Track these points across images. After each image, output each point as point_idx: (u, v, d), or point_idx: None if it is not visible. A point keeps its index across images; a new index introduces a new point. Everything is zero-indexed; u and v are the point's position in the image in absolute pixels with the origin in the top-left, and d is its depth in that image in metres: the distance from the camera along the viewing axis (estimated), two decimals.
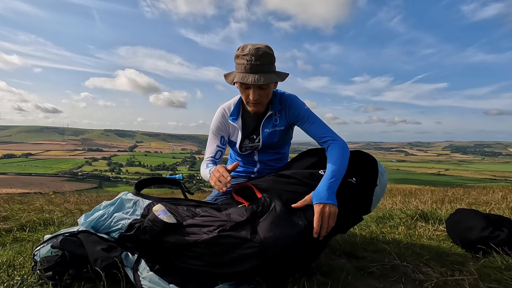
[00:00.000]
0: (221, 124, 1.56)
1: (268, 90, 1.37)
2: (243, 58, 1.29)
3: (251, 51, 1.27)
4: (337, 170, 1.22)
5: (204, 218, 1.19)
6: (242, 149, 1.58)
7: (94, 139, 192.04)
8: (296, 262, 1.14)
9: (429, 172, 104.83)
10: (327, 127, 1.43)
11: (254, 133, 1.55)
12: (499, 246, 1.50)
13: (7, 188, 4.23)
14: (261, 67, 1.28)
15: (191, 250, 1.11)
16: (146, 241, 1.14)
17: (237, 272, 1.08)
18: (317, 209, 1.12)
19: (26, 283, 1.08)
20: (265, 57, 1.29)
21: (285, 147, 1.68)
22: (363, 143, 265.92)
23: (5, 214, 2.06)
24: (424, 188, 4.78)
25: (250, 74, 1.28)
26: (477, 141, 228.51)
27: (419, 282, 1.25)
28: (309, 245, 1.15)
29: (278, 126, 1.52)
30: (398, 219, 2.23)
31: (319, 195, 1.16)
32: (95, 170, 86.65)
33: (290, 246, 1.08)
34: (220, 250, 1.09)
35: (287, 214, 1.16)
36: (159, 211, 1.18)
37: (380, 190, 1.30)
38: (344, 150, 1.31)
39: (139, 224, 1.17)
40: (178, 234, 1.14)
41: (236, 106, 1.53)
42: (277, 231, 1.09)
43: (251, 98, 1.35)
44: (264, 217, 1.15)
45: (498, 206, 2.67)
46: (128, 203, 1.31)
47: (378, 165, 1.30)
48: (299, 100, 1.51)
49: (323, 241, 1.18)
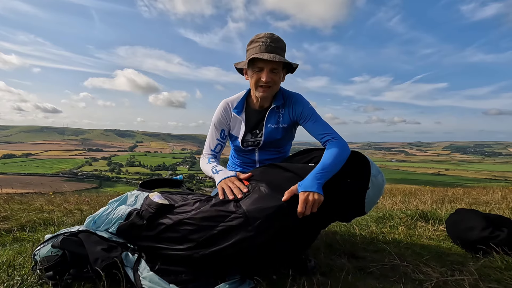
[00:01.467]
0: (222, 117, 1.58)
1: (279, 75, 1.42)
2: (258, 41, 1.38)
3: (266, 34, 1.37)
4: (328, 165, 1.22)
5: (193, 199, 1.27)
6: (244, 144, 1.58)
7: (94, 139, 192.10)
8: (283, 242, 1.16)
9: (429, 172, 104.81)
10: (330, 127, 1.43)
11: (257, 127, 1.56)
12: (499, 246, 1.51)
13: (7, 188, 4.22)
14: (275, 49, 1.36)
15: (180, 229, 1.15)
16: (143, 226, 1.20)
17: (225, 247, 1.09)
18: (302, 197, 1.12)
19: (26, 283, 1.08)
20: (279, 42, 1.38)
21: (286, 146, 1.67)
22: (363, 143, 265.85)
23: (5, 214, 2.06)
24: (424, 188, 4.77)
25: (265, 53, 1.34)
26: (477, 141, 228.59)
27: (419, 282, 1.25)
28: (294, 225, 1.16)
29: (281, 123, 1.53)
30: (398, 219, 2.24)
31: (304, 184, 1.16)
32: (95, 170, 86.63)
33: (272, 216, 1.11)
34: (207, 225, 1.13)
35: (271, 193, 1.18)
36: (154, 195, 1.28)
37: (374, 192, 1.27)
38: (342, 149, 1.30)
39: (137, 211, 1.25)
40: (170, 214, 1.21)
41: (241, 100, 1.56)
42: (259, 204, 1.14)
43: (264, 79, 1.38)
44: (249, 196, 1.19)
45: (498, 206, 2.68)
46: (131, 198, 1.39)
47: (371, 167, 1.27)
48: (304, 99, 1.52)
49: (311, 226, 1.20)
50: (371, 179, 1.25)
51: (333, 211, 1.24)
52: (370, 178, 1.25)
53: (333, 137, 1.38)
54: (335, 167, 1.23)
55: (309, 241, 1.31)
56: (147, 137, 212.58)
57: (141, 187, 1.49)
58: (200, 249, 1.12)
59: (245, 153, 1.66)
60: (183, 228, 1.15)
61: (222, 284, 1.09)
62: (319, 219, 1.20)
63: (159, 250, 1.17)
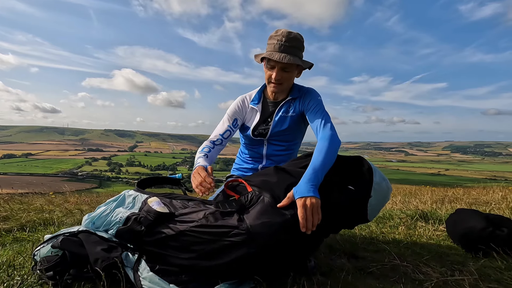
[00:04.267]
0: (239, 109, 1.64)
1: (291, 74, 1.46)
2: (274, 38, 1.40)
3: (283, 33, 1.39)
4: (318, 165, 1.20)
5: (194, 209, 1.22)
6: (254, 133, 1.62)
7: (94, 139, 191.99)
8: (287, 255, 1.14)
9: (429, 172, 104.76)
10: (324, 120, 1.42)
11: (270, 117, 1.60)
12: (499, 246, 1.51)
13: (7, 188, 4.22)
14: (289, 49, 1.38)
15: (182, 239, 1.12)
16: (141, 232, 1.16)
17: (228, 262, 1.07)
18: (299, 203, 1.11)
19: (26, 283, 1.08)
20: (295, 41, 1.40)
21: (294, 142, 1.66)
22: (363, 143, 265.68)
23: (5, 214, 2.06)
24: (424, 188, 4.77)
25: (277, 52, 1.38)
26: (477, 141, 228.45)
27: (419, 282, 1.25)
28: (299, 238, 1.14)
29: (291, 112, 1.56)
30: (398, 219, 2.24)
31: (300, 190, 1.14)
32: (95, 170, 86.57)
33: (276, 234, 1.09)
34: (209, 238, 1.09)
35: (275, 206, 1.15)
36: (153, 202, 1.23)
37: (377, 200, 1.24)
38: (330, 143, 1.28)
39: (135, 216, 1.21)
40: (170, 223, 1.16)
41: (258, 92, 1.63)
42: (264, 219, 1.10)
43: (273, 77, 1.44)
44: (252, 207, 1.16)
45: (498, 206, 2.67)
46: (129, 199, 1.35)
47: (374, 174, 1.23)
48: (316, 92, 1.57)
49: (314, 238, 1.17)
50: (373, 187, 1.21)
51: (336, 220, 1.22)
52: (372, 186, 1.21)
53: (322, 132, 1.37)
54: (326, 164, 1.21)
55: (311, 249, 1.30)
56: (147, 137, 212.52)
57: (138, 187, 1.45)
58: (202, 261, 1.10)
59: (254, 146, 1.67)
60: (184, 239, 1.12)
61: (222, 284, 1.09)
62: (322, 229, 1.17)
63: (161, 256, 1.15)
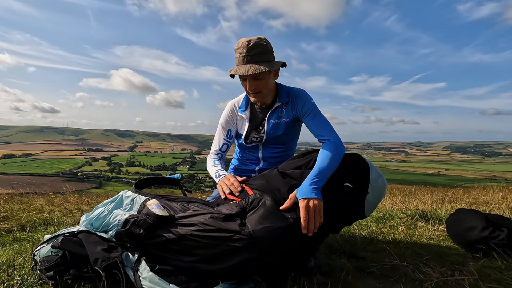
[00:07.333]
0: (229, 118, 1.63)
1: (265, 80, 1.42)
2: (237, 51, 1.39)
3: (243, 44, 1.36)
4: (323, 168, 1.22)
5: (195, 212, 1.21)
6: (247, 141, 1.61)
7: (94, 139, 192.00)
8: (288, 257, 1.14)
9: (429, 172, 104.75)
10: (326, 125, 1.43)
11: (261, 124, 1.59)
12: (499, 246, 1.51)
13: (7, 188, 4.22)
14: (254, 57, 1.35)
15: (183, 243, 1.12)
16: (140, 235, 1.16)
17: (230, 266, 1.07)
18: (302, 205, 1.12)
19: (26, 283, 1.08)
20: (256, 47, 1.36)
21: (291, 143, 1.66)
22: (363, 143, 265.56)
23: (5, 214, 2.06)
24: (424, 188, 4.77)
25: (242, 65, 1.36)
26: (477, 141, 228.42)
27: (419, 282, 1.25)
28: (301, 241, 1.14)
29: (283, 118, 1.54)
30: (398, 219, 2.24)
31: (303, 191, 1.15)
32: (95, 170, 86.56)
33: (279, 239, 1.08)
34: (210, 243, 1.09)
35: (277, 209, 1.15)
36: (152, 205, 1.22)
37: (374, 197, 1.26)
38: (337, 149, 1.29)
39: (134, 219, 1.20)
40: (171, 227, 1.16)
41: (244, 99, 1.61)
42: (266, 223, 1.09)
43: (248, 89, 1.43)
44: (254, 211, 1.15)
45: (498, 206, 2.67)
46: (127, 200, 1.34)
47: (371, 171, 1.25)
48: (307, 94, 1.53)
49: (315, 239, 1.18)
50: (370, 183, 1.23)
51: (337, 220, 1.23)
52: (369, 183, 1.23)
53: (326, 137, 1.38)
54: (330, 169, 1.23)
55: (312, 250, 1.30)
56: (147, 137, 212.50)
57: (136, 188, 1.44)
58: (203, 264, 1.10)
59: (249, 150, 1.67)
60: (185, 243, 1.11)
61: (222, 284, 1.09)
62: (323, 230, 1.17)
63: (162, 258, 1.15)
